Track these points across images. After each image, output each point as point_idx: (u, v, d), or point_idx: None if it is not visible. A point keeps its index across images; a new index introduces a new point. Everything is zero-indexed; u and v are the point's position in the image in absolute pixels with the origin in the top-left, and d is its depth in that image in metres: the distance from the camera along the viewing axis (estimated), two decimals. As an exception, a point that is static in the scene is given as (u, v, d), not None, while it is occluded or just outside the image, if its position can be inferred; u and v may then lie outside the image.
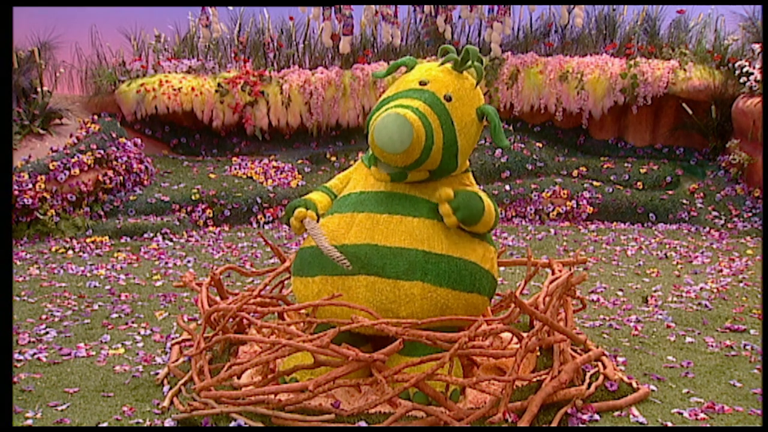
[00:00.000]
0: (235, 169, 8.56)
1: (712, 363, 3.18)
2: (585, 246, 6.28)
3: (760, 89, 7.44)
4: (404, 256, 2.61)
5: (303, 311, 2.89)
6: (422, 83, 2.77)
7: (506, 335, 3.17)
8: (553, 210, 7.71)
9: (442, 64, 2.87)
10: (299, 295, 2.83)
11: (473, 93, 2.84)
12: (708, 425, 2.50)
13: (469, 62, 2.83)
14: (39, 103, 8.13)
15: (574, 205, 7.69)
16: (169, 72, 9.37)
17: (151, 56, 9.90)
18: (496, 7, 9.08)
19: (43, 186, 6.83)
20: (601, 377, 2.77)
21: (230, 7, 10.15)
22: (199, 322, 3.85)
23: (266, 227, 7.58)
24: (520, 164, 8.35)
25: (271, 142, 9.44)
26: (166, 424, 2.53)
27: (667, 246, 6.23)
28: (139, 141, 8.27)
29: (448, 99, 2.72)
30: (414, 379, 2.35)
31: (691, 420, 2.55)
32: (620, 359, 3.20)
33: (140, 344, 3.57)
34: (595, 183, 8.06)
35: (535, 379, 2.64)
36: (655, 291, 4.61)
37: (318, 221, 2.81)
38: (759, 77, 7.51)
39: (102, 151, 7.49)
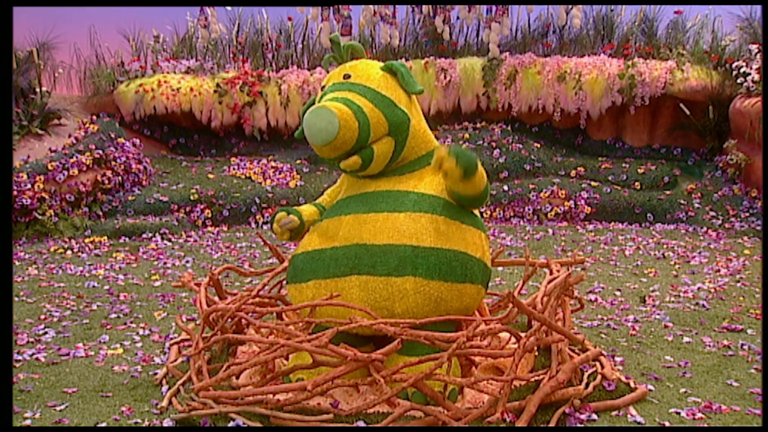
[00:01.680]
0: (234, 169, 8.56)
1: (709, 363, 3.19)
2: (583, 246, 6.29)
3: (757, 90, 7.46)
4: (393, 253, 2.62)
5: (301, 311, 2.90)
6: (322, 88, 2.95)
7: (504, 335, 3.17)
8: (551, 210, 7.72)
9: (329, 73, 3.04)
10: (295, 302, 2.87)
11: (367, 63, 2.95)
12: (705, 425, 2.51)
13: (341, 46, 2.99)
14: (38, 103, 8.13)
15: (572, 206, 7.70)
16: (168, 72, 9.37)
17: (149, 57, 9.91)
18: (494, 8, 9.10)
19: (41, 186, 6.83)
20: (599, 377, 2.78)
21: (229, 8, 10.16)
22: (197, 322, 3.85)
23: (265, 227, 7.59)
24: (518, 164, 8.36)
25: (270, 143, 9.45)
26: (165, 424, 2.53)
27: (665, 246, 6.24)
28: (137, 141, 8.27)
29: (347, 77, 2.87)
30: (412, 379, 2.36)
31: (689, 420, 2.55)
32: (618, 359, 3.21)
33: (139, 344, 3.57)
34: (593, 183, 8.07)
35: (533, 379, 2.64)
36: (652, 291, 4.62)
37: (303, 227, 2.95)
38: (756, 78, 7.52)
39: (101, 152, 7.49)
